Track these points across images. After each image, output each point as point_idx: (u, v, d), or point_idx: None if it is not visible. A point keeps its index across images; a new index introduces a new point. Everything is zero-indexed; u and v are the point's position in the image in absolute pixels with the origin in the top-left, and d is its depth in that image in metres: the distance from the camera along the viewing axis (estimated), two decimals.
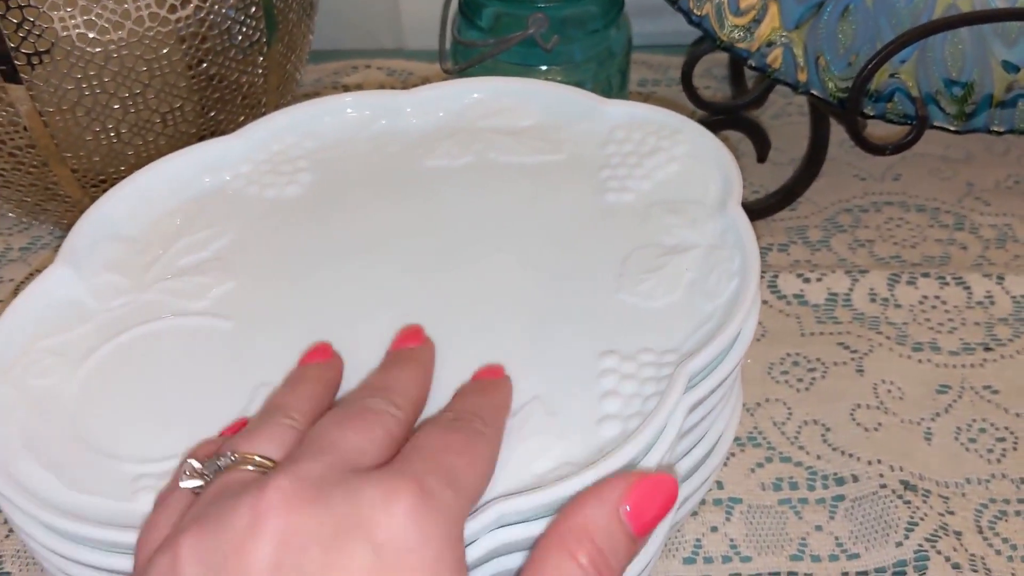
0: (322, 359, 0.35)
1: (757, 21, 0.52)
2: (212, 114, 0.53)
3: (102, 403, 0.35)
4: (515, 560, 0.31)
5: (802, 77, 0.52)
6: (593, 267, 0.39)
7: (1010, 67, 0.53)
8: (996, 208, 0.61)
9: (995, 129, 0.53)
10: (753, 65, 0.52)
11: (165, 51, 0.49)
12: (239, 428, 0.32)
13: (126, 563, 0.31)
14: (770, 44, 0.52)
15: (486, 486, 0.30)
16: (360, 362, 0.35)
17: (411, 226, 0.41)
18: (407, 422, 0.31)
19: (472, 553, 0.30)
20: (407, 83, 0.73)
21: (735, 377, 0.37)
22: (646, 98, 0.71)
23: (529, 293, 0.38)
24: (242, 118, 0.55)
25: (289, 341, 0.37)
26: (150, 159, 0.43)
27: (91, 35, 0.47)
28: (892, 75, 0.53)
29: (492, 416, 0.32)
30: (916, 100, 0.52)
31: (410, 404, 0.32)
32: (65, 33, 0.46)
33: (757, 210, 0.60)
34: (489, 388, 0.34)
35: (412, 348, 0.35)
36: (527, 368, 0.35)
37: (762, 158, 0.60)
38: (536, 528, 0.30)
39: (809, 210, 0.61)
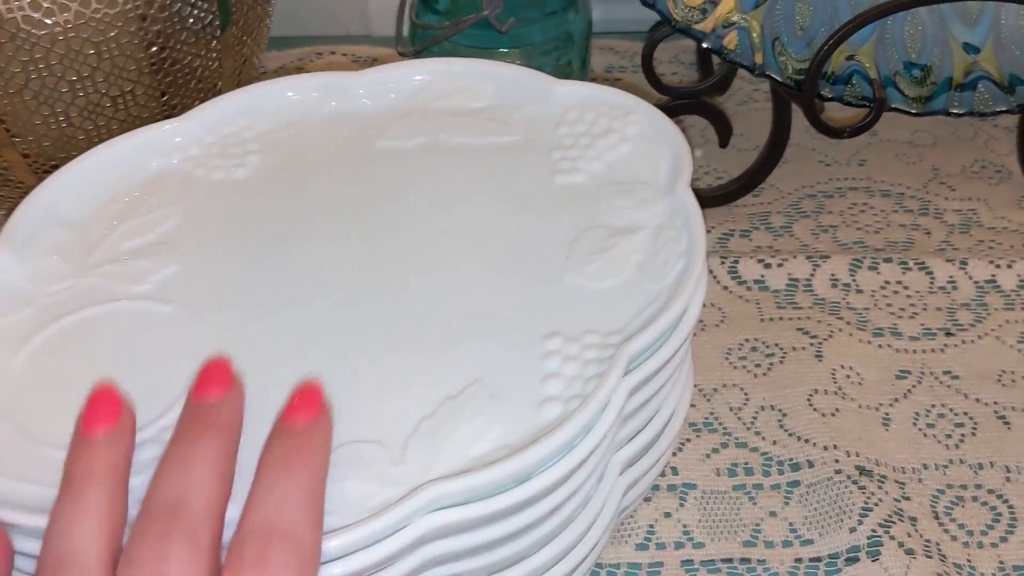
0: (107, 428, 0.30)
1: (713, 2, 0.51)
2: (166, 98, 0.52)
3: (40, 389, 0.34)
4: (448, 544, 0.31)
5: (759, 59, 0.52)
6: (541, 249, 0.38)
7: (970, 48, 0.53)
8: (961, 193, 0.61)
9: (954, 111, 0.53)
10: (708, 47, 0.52)
11: (114, 33, 0.48)
12: None
13: None
14: (726, 26, 0.52)
15: None
16: (305, 346, 0.35)
17: (360, 208, 0.40)
18: (213, 537, 0.28)
19: (406, 536, 0.29)
20: None
21: (682, 357, 0.37)
22: (612, 84, 0.70)
23: (476, 275, 0.37)
24: (197, 102, 0.54)
25: (232, 325, 0.36)
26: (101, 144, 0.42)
27: (37, 16, 0.46)
28: (850, 57, 0.52)
29: (300, 511, 0.28)
30: (874, 82, 0.52)
31: (211, 507, 0.28)
32: (10, 15, 0.46)
33: (719, 196, 0.59)
34: (294, 457, 0.29)
35: (208, 406, 0.31)
36: (471, 350, 0.35)
37: (724, 143, 0.60)
38: (469, 511, 0.30)
39: (772, 196, 0.61)
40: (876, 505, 0.44)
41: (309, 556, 0.27)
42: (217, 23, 0.52)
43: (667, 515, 0.44)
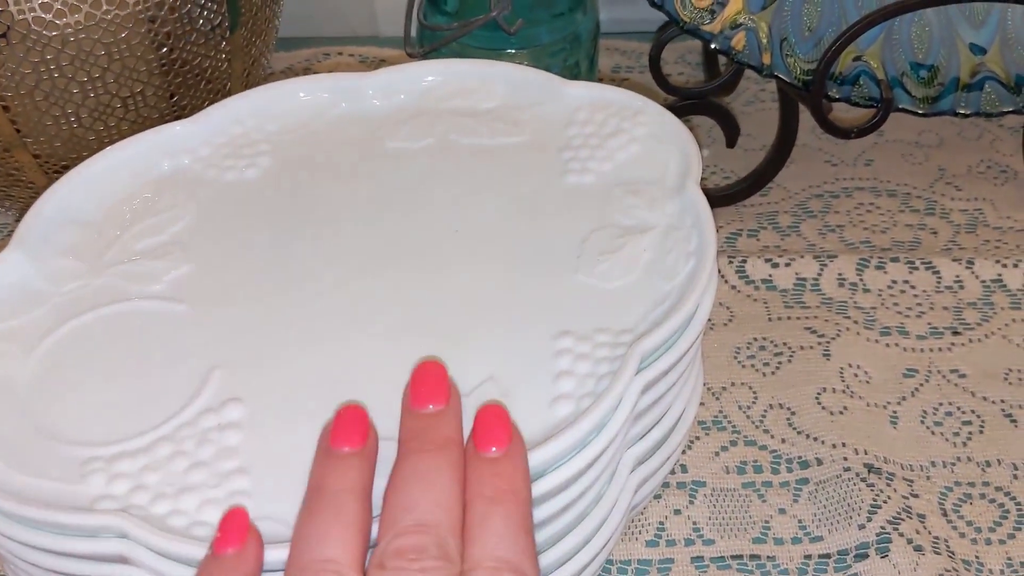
0: (356, 446, 0.30)
1: (721, 4, 0.52)
2: (175, 99, 0.53)
3: (54, 387, 0.35)
4: None
5: (767, 60, 0.52)
6: (552, 249, 0.39)
7: (977, 49, 0.53)
8: (967, 193, 0.61)
9: (961, 111, 0.53)
10: (717, 48, 0.52)
11: (124, 35, 0.48)
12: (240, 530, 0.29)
13: (75, 545, 0.30)
14: (734, 27, 0.52)
15: None
16: (316, 344, 0.35)
17: (370, 208, 0.41)
18: (460, 555, 0.28)
19: None
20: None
21: (693, 356, 0.37)
22: (619, 84, 0.70)
23: (488, 275, 0.38)
24: (207, 104, 0.54)
25: (243, 324, 0.36)
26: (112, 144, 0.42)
27: (48, 18, 0.46)
28: (857, 58, 0.52)
29: (518, 543, 0.28)
30: (881, 83, 0.52)
31: (455, 526, 0.28)
32: (21, 16, 0.46)
33: (727, 196, 0.59)
34: (500, 487, 0.29)
35: (432, 417, 0.31)
36: (483, 349, 0.35)
37: (731, 143, 0.60)
38: None
39: (780, 196, 0.61)
40: (885, 502, 0.44)
41: None
42: (227, 24, 0.53)
43: (677, 512, 0.45)
